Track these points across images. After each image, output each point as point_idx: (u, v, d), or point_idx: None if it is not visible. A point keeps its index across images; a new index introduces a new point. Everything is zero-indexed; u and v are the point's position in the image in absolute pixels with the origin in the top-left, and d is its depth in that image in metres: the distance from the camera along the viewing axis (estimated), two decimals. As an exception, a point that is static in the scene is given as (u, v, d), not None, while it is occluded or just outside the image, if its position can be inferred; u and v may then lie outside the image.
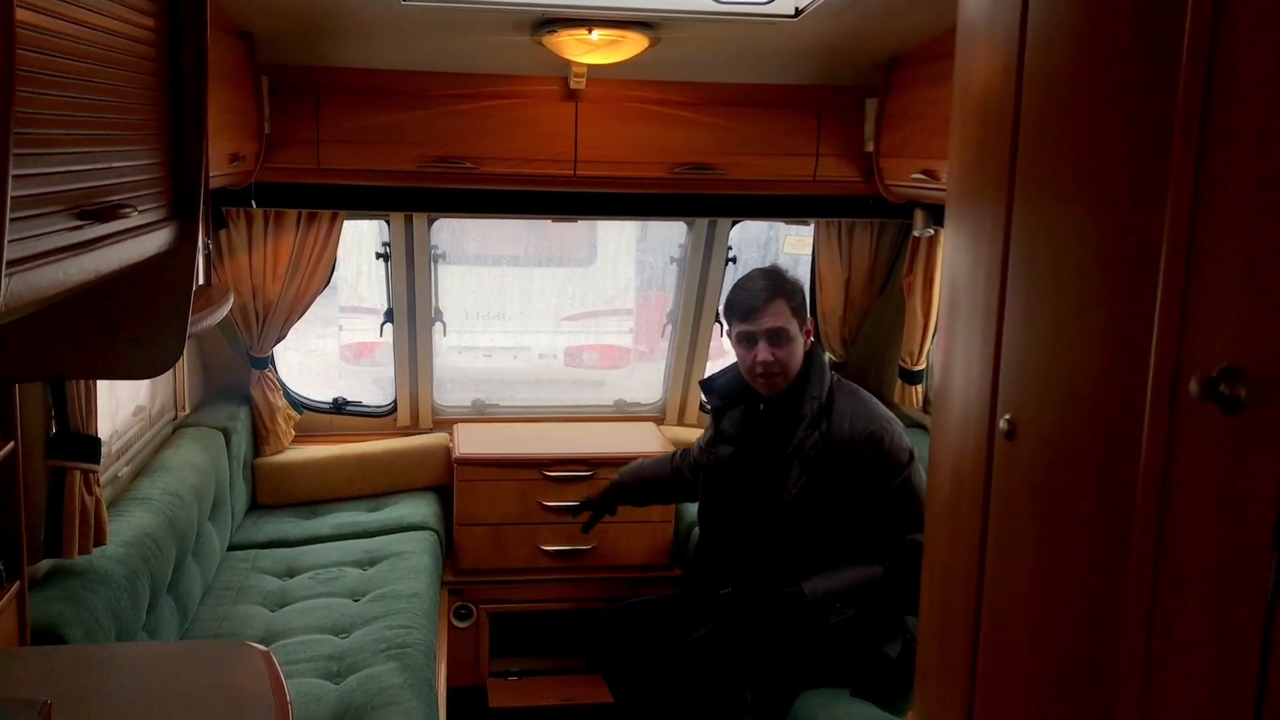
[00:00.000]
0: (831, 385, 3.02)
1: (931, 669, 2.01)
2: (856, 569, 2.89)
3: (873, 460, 2.89)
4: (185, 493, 3.22)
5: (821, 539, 2.94)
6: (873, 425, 2.93)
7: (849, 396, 3.02)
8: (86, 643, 2.31)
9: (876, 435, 2.90)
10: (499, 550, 3.99)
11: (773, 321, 2.98)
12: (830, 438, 2.92)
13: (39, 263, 1.13)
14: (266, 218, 3.82)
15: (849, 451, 2.90)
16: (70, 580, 2.50)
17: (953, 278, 1.86)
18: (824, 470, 2.91)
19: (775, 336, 2.98)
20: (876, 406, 3.02)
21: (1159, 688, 1.19)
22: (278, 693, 1.63)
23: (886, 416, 2.99)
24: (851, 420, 2.93)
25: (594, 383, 5.46)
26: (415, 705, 2.67)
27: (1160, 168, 1.12)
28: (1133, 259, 1.20)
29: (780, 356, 2.99)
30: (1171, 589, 1.15)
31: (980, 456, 1.68)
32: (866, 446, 2.89)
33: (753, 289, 3.03)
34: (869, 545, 2.90)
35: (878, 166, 3.65)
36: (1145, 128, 1.18)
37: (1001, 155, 1.59)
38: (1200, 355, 1.05)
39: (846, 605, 2.83)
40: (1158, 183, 1.13)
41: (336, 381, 5.41)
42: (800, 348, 3.03)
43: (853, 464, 2.90)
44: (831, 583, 2.86)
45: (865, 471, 2.89)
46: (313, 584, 3.48)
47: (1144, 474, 1.15)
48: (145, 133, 1.57)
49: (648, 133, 3.66)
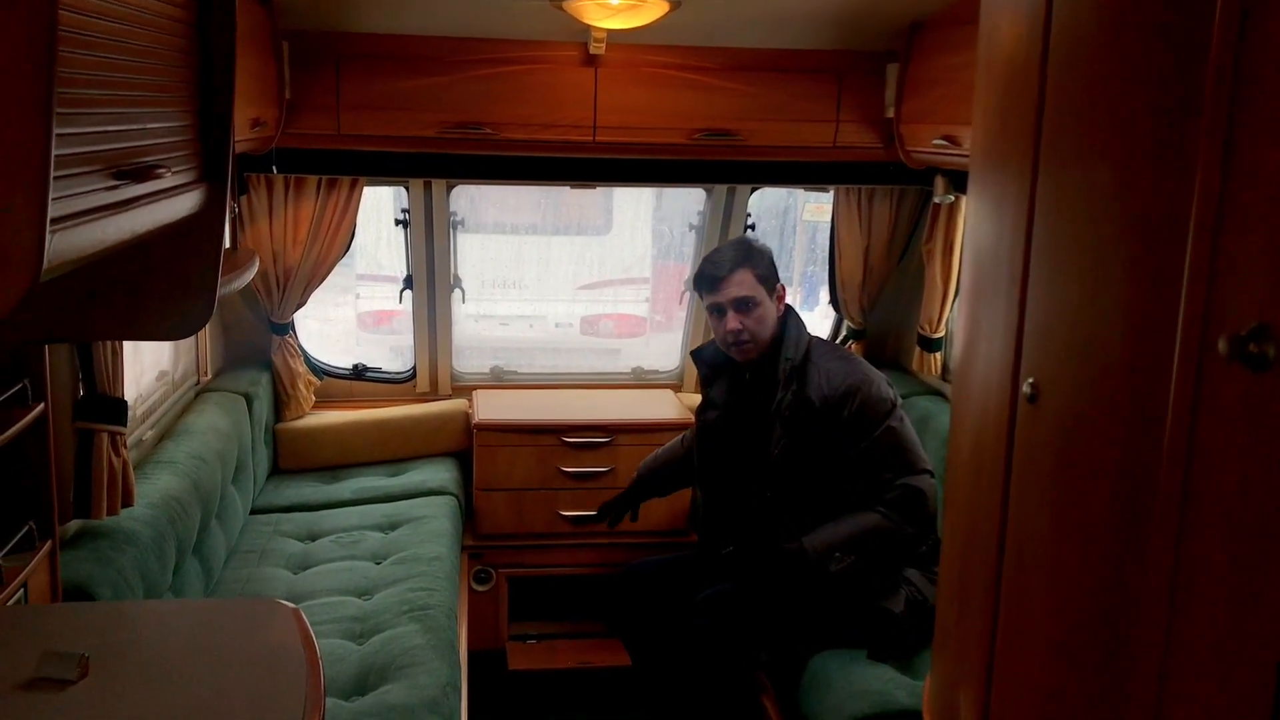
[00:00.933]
0: (809, 347, 3.05)
1: (950, 633, 2.02)
2: (854, 519, 2.92)
3: (853, 413, 2.93)
4: (209, 456, 3.26)
5: (812, 495, 2.98)
6: (849, 380, 2.96)
7: (826, 356, 3.06)
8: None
9: (853, 388, 2.94)
10: (518, 515, 4.02)
11: (738, 291, 3.02)
12: (806, 398, 2.96)
13: (79, 221, 1.15)
14: (287, 184, 3.83)
15: (829, 408, 2.94)
16: (99, 541, 2.54)
17: (976, 243, 1.86)
18: (803, 430, 2.96)
19: (742, 304, 3.02)
20: (855, 362, 3.07)
21: (1181, 651, 1.20)
22: (308, 649, 1.66)
23: (864, 371, 3.03)
24: (828, 378, 2.97)
25: (610, 351, 5.46)
26: (438, 666, 2.71)
27: (1191, 127, 1.12)
28: (1161, 220, 1.20)
29: (749, 325, 3.03)
30: (1196, 550, 1.16)
31: (1002, 420, 1.69)
32: (845, 401, 2.93)
33: (717, 259, 3.09)
34: (862, 496, 2.94)
35: (898, 132, 3.64)
36: (1175, 87, 1.18)
37: (1027, 119, 1.58)
38: (1229, 314, 1.05)
39: (845, 554, 2.86)
40: (1188, 143, 1.13)
41: (354, 349, 5.43)
42: (772, 314, 3.07)
43: (833, 420, 2.94)
44: (831, 535, 2.90)
45: (847, 425, 2.93)
46: (335, 547, 3.52)
47: (1170, 434, 1.16)
48: (176, 95, 1.58)
49: (667, 98, 3.65)
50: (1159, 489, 1.18)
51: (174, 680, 1.56)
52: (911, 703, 2.58)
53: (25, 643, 1.61)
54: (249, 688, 1.54)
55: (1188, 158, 1.13)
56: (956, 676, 1.96)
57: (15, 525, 2.12)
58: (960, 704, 1.92)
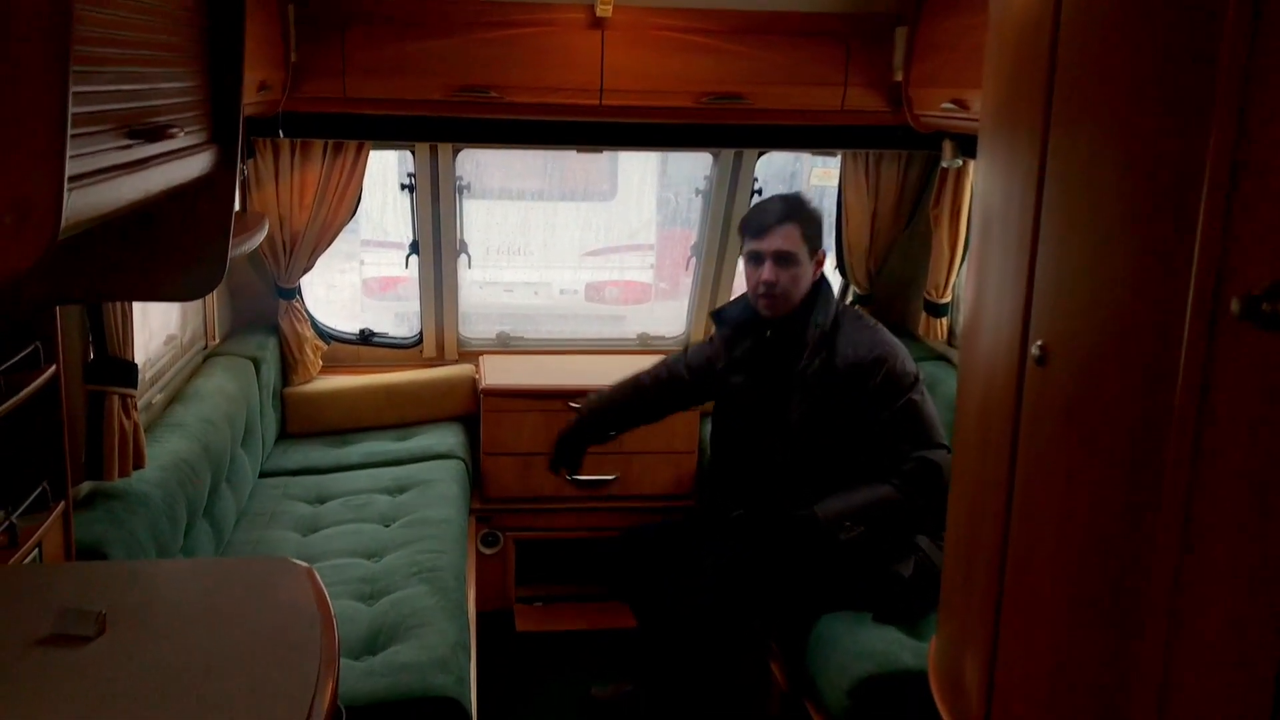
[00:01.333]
0: (837, 313, 3.05)
1: (956, 595, 2.04)
2: (867, 489, 2.93)
3: (879, 383, 2.93)
4: (218, 419, 3.28)
5: (828, 462, 2.99)
6: (877, 350, 2.96)
7: (854, 324, 3.05)
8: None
9: (881, 358, 2.94)
10: (525, 479, 4.04)
11: (781, 243, 3.00)
12: (833, 365, 2.96)
13: (95, 180, 1.15)
14: (293, 148, 3.83)
15: (853, 377, 2.94)
16: (111, 502, 2.56)
17: (985, 205, 1.86)
18: (827, 396, 2.96)
19: (782, 258, 3.00)
20: (882, 333, 3.06)
21: (1189, 613, 1.22)
22: (322, 607, 1.69)
23: (891, 342, 3.03)
24: (855, 347, 2.97)
25: (615, 318, 5.47)
26: (447, 626, 2.73)
27: (1205, 86, 1.11)
28: (1174, 180, 1.20)
29: (783, 280, 3.01)
30: (1206, 509, 1.17)
31: (1010, 383, 1.69)
32: (872, 370, 2.93)
33: (769, 208, 3.07)
34: (877, 466, 2.95)
35: (907, 96, 3.62)
36: (1189, 47, 1.18)
37: (1038, 80, 1.58)
38: (1242, 274, 1.05)
39: (856, 523, 2.87)
40: (1202, 102, 1.13)
41: (359, 315, 5.45)
42: (807, 275, 3.05)
43: (858, 388, 2.94)
44: (843, 504, 2.91)
45: (872, 394, 2.93)
46: (343, 510, 3.55)
47: (1181, 395, 1.16)
48: (187, 55, 1.58)
49: (674, 62, 3.63)
50: (1169, 450, 1.19)
51: (190, 636, 1.58)
52: (916, 664, 2.61)
53: (42, 600, 1.63)
54: (265, 644, 1.56)
55: (1201, 117, 1.12)
56: (962, 638, 1.98)
57: (29, 486, 2.14)
58: (965, 665, 1.93)
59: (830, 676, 2.72)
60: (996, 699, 1.81)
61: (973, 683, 1.89)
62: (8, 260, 0.98)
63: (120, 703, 1.41)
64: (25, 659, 1.48)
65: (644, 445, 4.03)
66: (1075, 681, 1.55)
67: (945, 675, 2.07)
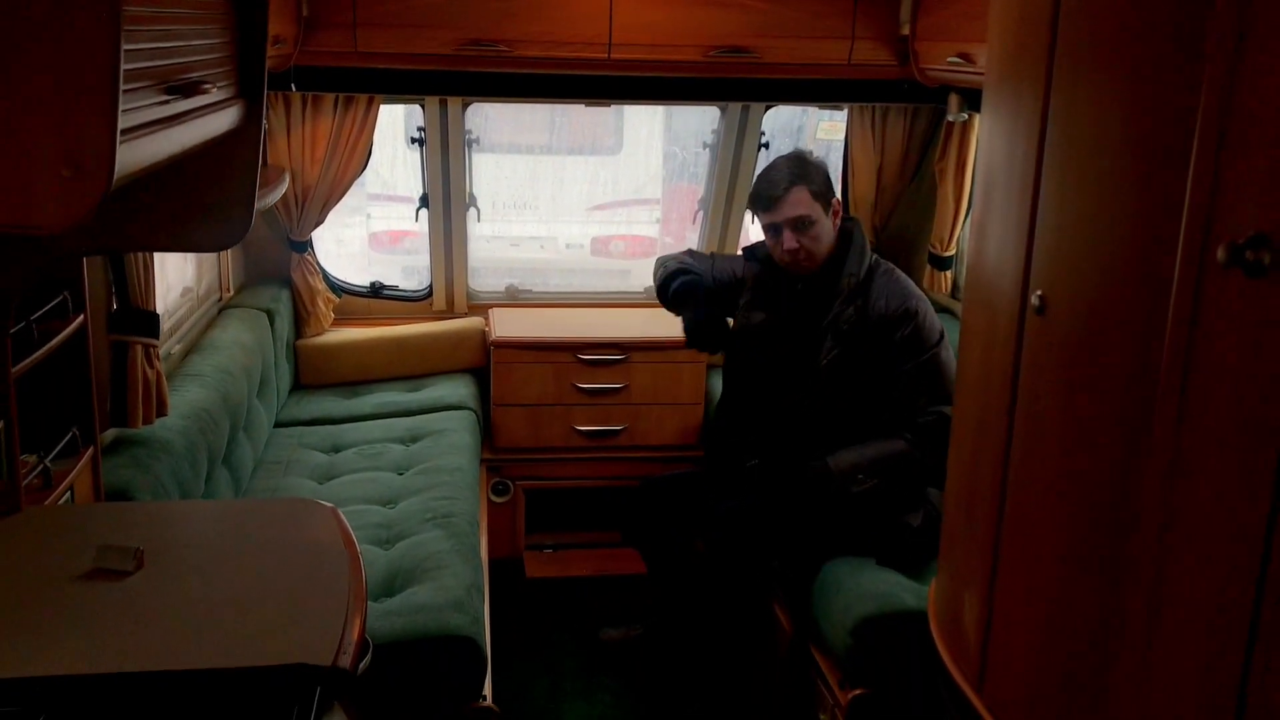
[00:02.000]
0: (870, 264, 3.09)
1: (957, 538, 2.11)
2: (881, 443, 2.99)
3: (907, 336, 2.98)
4: (235, 370, 3.35)
5: (848, 411, 3.04)
6: (909, 302, 3.01)
7: (886, 275, 3.09)
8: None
9: (912, 311, 2.99)
10: (534, 430, 4.12)
11: (793, 210, 3.03)
12: (866, 314, 3.01)
13: (138, 134, 1.21)
14: (305, 102, 3.86)
15: (884, 327, 2.99)
16: (136, 449, 2.64)
17: (989, 158, 1.91)
18: (857, 344, 3.00)
19: (799, 224, 3.04)
20: (913, 286, 3.10)
21: (1176, 548, 1.28)
22: (348, 544, 1.76)
23: (921, 296, 3.07)
24: (888, 298, 3.01)
25: (620, 272, 5.51)
26: (462, 569, 2.82)
27: (1197, 43, 1.16)
28: (1168, 135, 1.25)
29: (805, 243, 3.05)
30: (1193, 449, 1.23)
31: (1011, 332, 1.75)
32: (902, 322, 2.98)
33: (773, 178, 3.08)
34: (894, 419, 3.01)
35: (913, 50, 3.64)
36: (1184, 4, 1.22)
37: (1041, 36, 1.62)
38: (1229, 223, 1.11)
39: (869, 477, 2.94)
40: (1194, 58, 1.18)
41: (367, 269, 5.49)
42: (828, 228, 3.08)
43: (886, 338, 2.98)
44: (857, 456, 2.97)
45: (899, 346, 2.98)
46: (358, 459, 3.62)
47: (1170, 338, 1.23)
48: (215, 12, 1.63)
49: (682, 15, 3.65)
50: (1159, 391, 1.25)
51: (223, 571, 1.66)
52: (917, 604, 2.69)
53: (82, 538, 1.70)
54: (295, 578, 1.64)
55: (1194, 74, 1.18)
56: (961, 579, 2.05)
57: (60, 432, 2.21)
58: (964, 605, 2.01)
59: (834, 618, 2.81)
60: (993, 637, 1.88)
61: (971, 621, 1.97)
62: (67, 211, 1.04)
63: (160, 632, 1.49)
64: (68, 593, 1.56)
65: (651, 396, 4.11)
66: (1068, 619, 1.62)
67: (944, 615, 2.14)
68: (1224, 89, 1.13)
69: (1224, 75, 1.12)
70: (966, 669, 1.99)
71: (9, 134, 1.06)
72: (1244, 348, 1.12)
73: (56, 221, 1.05)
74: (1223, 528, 1.19)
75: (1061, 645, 1.65)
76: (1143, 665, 1.38)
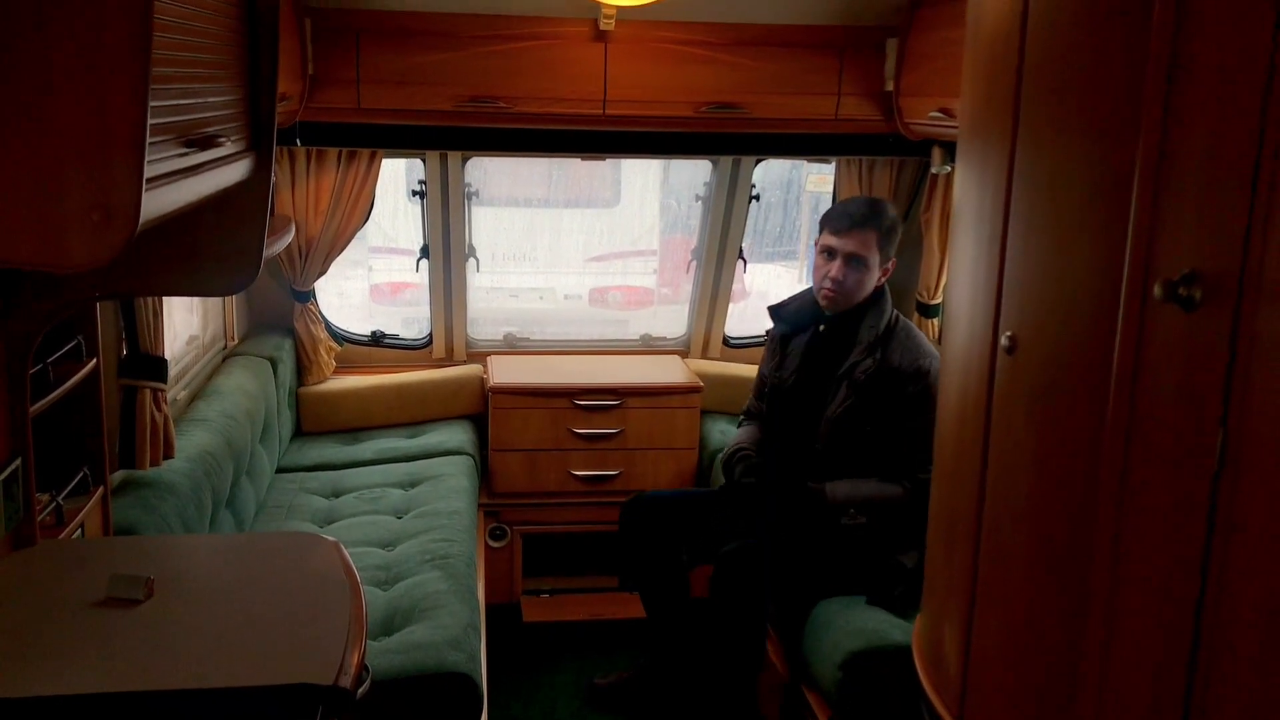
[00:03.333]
0: (891, 320, 3.20)
1: (939, 570, 2.18)
2: (880, 484, 3.09)
3: (917, 393, 3.07)
4: (239, 415, 3.43)
5: (854, 459, 3.13)
6: (922, 360, 3.11)
7: (905, 332, 3.20)
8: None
9: (924, 369, 3.09)
10: (532, 475, 4.18)
11: (855, 247, 3.15)
12: (882, 367, 3.11)
13: (160, 183, 1.31)
14: (309, 156, 3.98)
15: (897, 382, 3.09)
16: (143, 490, 2.71)
17: (961, 207, 2.01)
18: (870, 396, 3.10)
19: (854, 260, 3.16)
20: (929, 346, 3.21)
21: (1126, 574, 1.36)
22: (349, 576, 1.83)
23: (935, 355, 3.16)
24: (904, 353, 3.12)
25: (618, 322, 5.59)
26: (460, 609, 2.88)
27: (1139, 99, 1.27)
28: (1117, 182, 1.35)
29: (850, 280, 3.16)
30: (1139, 480, 1.32)
31: (984, 371, 1.84)
32: (915, 379, 3.08)
33: (853, 209, 3.22)
34: (895, 468, 3.09)
35: (897, 105, 3.77)
36: (1126, 63, 1.33)
37: (1007, 93, 1.73)
38: (1164, 262, 1.21)
39: (860, 513, 3.02)
40: (1137, 113, 1.28)
41: (368, 320, 5.57)
42: (873, 280, 3.20)
43: (898, 393, 3.08)
44: (853, 490, 3.07)
45: (908, 401, 3.07)
46: (358, 503, 3.69)
47: (1117, 369, 1.32)
48: (230, 71, 1.73)
49: (675, 73, 3.78)
50: (1109, 416, 1.34)
51: (231, 601, 1.73)
52: (904, 640, 2.73)
53: (95, 569, 1.77)
54: (299, 607, 1.71)
55: (1135, 129, 1.28)
56: (943, 611, 2.12)
57: (71, 472, 2.29)
58: (945, 637, 2.07)
59: (823, 654, 2.86)
60: (972, 666, 1.95)
61: (951, 652, 2.03)
62: (95, 252, 1.14)
63: (169, 657, 1.56)
64: (84, 619, 1.63)
65: (647, 441, 4.19)
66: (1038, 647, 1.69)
67: (927, 647, 2.21)
68: (1160, 136, 1.23)
69: (1158, 123, 1.22)
70: (948, 699, 2.05)
71: (46, 180, 1.16)
72: (1181, 380, 1.21)
73: (85, 261, 1.15)
74: (1165, 552, 1.27)
75: (1033, 672, 1.72)
76: (1100, 688, 1.45)
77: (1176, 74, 1.19)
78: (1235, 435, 1.11)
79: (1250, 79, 1.08)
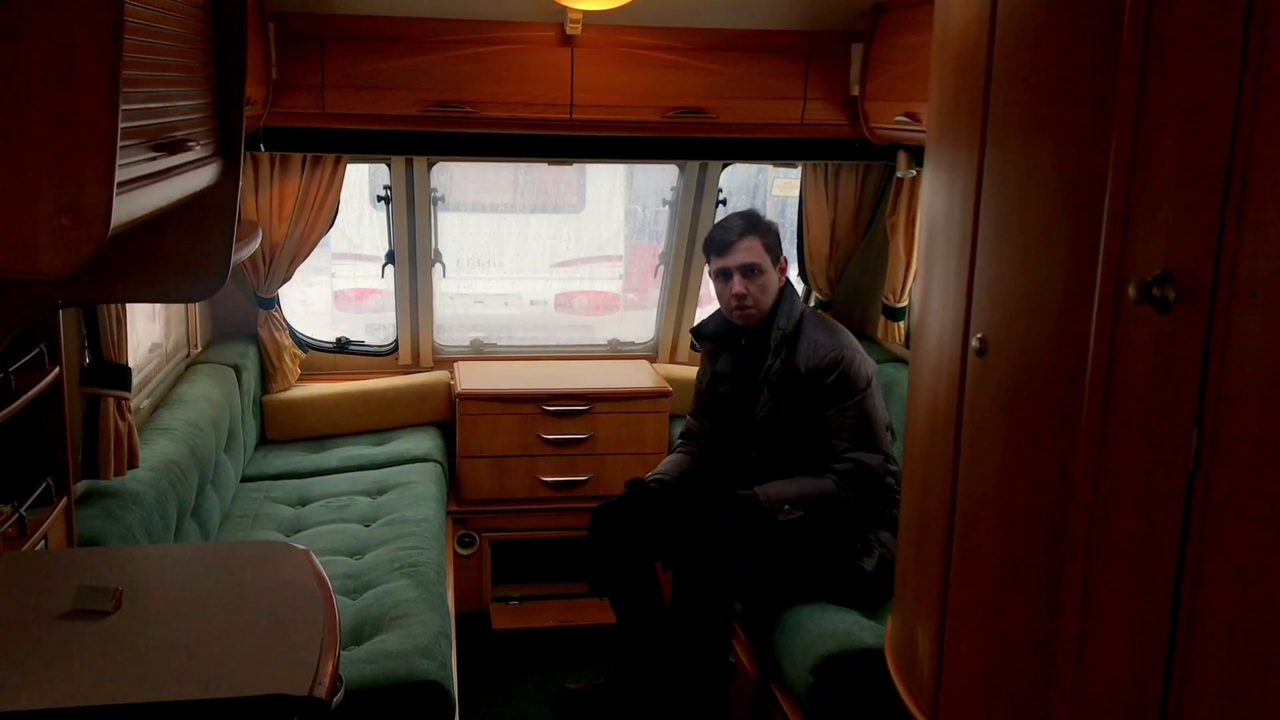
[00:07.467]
0: (801, 317, 3.24)
1: (910, 573, 2.19)
2: (809, 480, 3.14)
3: (833, 383, 3.13)
4: (204, 424, 3.39)
5: (786, 459, 3.19)
6: (835, 352, 3.16)
7: (816, 326, 3.25)
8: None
9: (837, 360, 3.14)
10: (500, 481, 4.16)
11: (745, 257, 3.22)
12: (793, 365, 3.17)
13: (130, 188, 1.28)
14: (273, 162, 3.94)
15: (811, 377, 3.15)
16: (107, 500, 2.67)
17: (931, 212, 2.02)
18: (788, 395, 3.17)
19: (748, 270, 3.23)
20: (842, 334, 3.26)
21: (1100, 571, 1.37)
22: (321, 584, 1.81)
23: (850, 344, 3.22)
24: (815, 348, 3.17)
25: (584, 327, 5.60)
26: (430, 617, 2.86)
27: (1110, 104, 1.28)
28: (1088, 185, 1.37)
29: (753, 291, 3.23)
30: (1113, 478, 1.33)
31: (955, 374, 1.86)
32: (829, 371, 3.14)
33: (729, 226, 3.30)
34: (817, 460, 3.15)
35: (863, 110, 3.79)
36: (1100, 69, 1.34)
37: (976, 98, 1.74)
38: (1138, 264, 1.22)
39: (795, 508, 3.07)
40: (1109, 117, 1.29)
41: (332, 326, 5.53)
42: (774, 283, 3.27)
43: (814, 388, 3.14)
44: (783, 489, 3.13)
45: (825, 393, 3.13)
46: (325, 511, 3.66)
47: (1091, 369, 1.33)
48: (198, 75, 1.71)
49: (641, 77, 3.78)
50: (1083, 414, 1.35)
51: (200, 610, 1.70)
52: (875, 643, 2.75)
53: (61, 580, 1.74)
54: (271, 617, 1.68)
55: (1108, 130, 1.29)
56: (915, 613, 2.13)
57: (33, 483, 2.25)
58: (918, 640, 2.09)
59: (794, 657, 2.87)
60: (945, 667, 1.96)
61: (924, 654, 2.04)
62: (65, 256, 1.12)
63: (140, 669, 1.53)
64: (50, 631, 1.60)
65: (615, 446, 4.18)
66: (1011, 647, 1.70)
67: (900, 649, 2.22)
68: (1132, 137, 1.24)
69: (1131, 124, 1.24)
70: (921, 701, 2.07)
71: (15, 186, 1.14)
72: (1155, 381, 1.22)
73: (56, 267, 1.12)
74: (1139, 552, 1.29)
75: (1006, 672, 1.73)
76: (1074, 686, 1.46)
77: (1148, 75, 1.21)
78: (1210, 435, 1.12)
79: (1222, 80, 1.09)
